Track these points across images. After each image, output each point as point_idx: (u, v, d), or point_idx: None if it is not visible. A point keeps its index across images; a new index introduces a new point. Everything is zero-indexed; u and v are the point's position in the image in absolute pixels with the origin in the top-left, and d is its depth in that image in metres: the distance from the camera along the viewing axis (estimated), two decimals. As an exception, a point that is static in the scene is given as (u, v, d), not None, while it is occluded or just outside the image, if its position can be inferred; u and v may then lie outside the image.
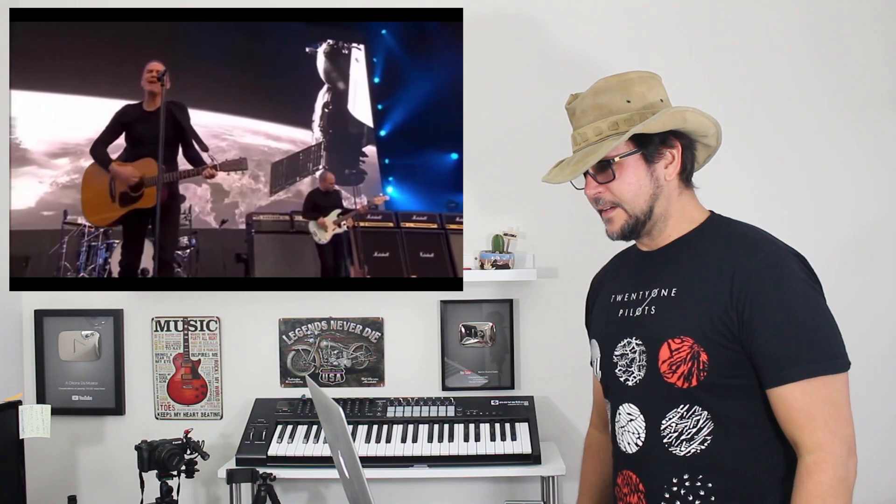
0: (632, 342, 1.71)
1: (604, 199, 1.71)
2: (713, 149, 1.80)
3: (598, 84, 1.73)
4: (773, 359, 1.55)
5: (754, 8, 2.92)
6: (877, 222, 2.90)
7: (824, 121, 2.90)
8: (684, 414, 1.63)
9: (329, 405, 1.65)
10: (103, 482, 3.04)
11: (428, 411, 2.85)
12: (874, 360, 2.85)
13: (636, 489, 1.71)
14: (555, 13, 2.96)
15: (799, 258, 1.65)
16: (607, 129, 1.68)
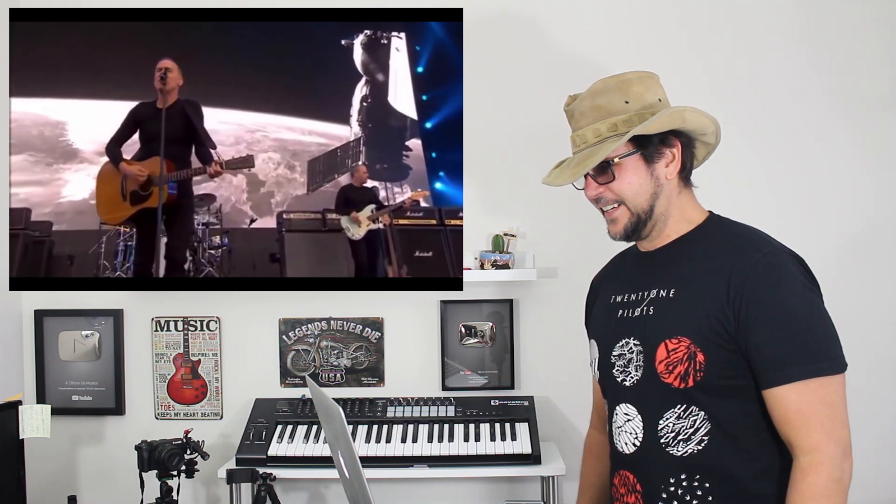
0: (630, 342, 1.71)
1: (605, 198, 1.71)
2: (712, 146, 1.80)
3: (597, 85, 1.73)
4: (769, 359, 1.56)
5: (754, 9, 2.92)
6: (876, 223, 2.90)
7: (824, 121, 2.90)
8: (681, 414, 1.63)
9: (329, 405, 1.65)
10: (103, 482, 3.04)
11: (428, 411, 2.85)
12: (875, 361, 2.85)
13: (633, 489, 1.71)
14: (555, 13, 2.96)
15: (797, 259, 1.65)
16: (606, 130, 1.68)
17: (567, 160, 1.77)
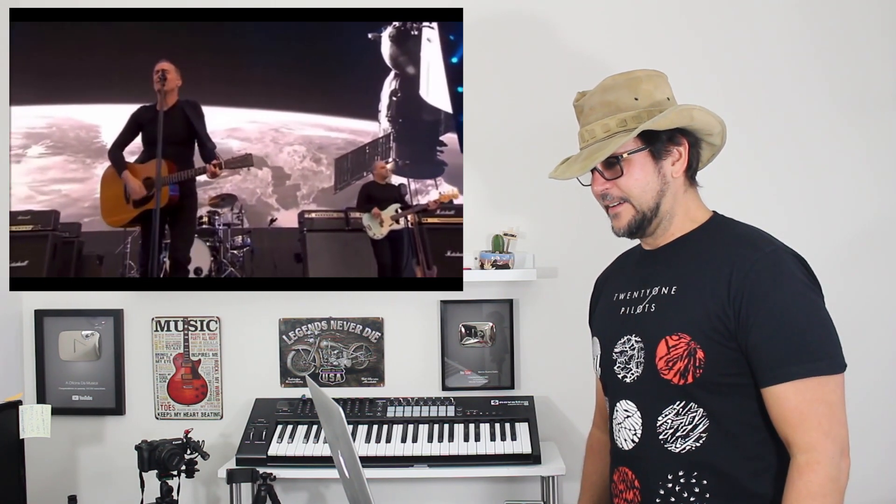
0: (631, 339, 1.72)
1: (611, 195, 1.72)
2: (717, 148, 1.81)
3: (606, 82, 1.74)
4: (769, 357, 1.56)
5: (758, 7, 2.91)
6: (880, 222, 2.90)
7: (829, 120, 2.90)
8: (680, 411, 1.64)
9: (329, 405, 1.65)
10: (103, 482, 3.04)
11: (428, 411, 2.85)
12: (879, 360, 2.85)
13: (632, 485, 1.72)
14: (556, 12, 2.96)
15: (798, 259, 1.65)
16: (615, 125, 1.69)
17: (574, 155, 1.78)
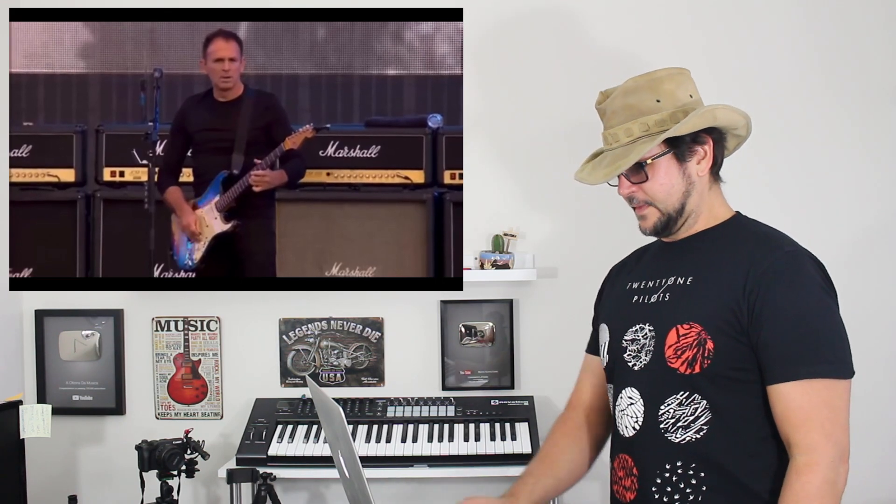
0: (644, 328, 1.72)
1: (637, 198, 1.74)
2: (743, 138, 1.82)
3: (628, 84, 1.74)
4: (778, 355, 1.56)
5: (760, 5, 2.91)
6: (882, 223, 2.89)
7: (829, 117, 2.88)
8: (683, 401, 1.64)
9: (329, 405, 1.65)
10: (103, 482, 3.04)
11: (428, 411, 2.85)
12: (883, 364, 2.84)
13: (630, 472, 1.72)
14: (555, 13, 2.96)
15: (817, 263, 1.66)
16: (638, 131, 1.69)
17: (599, 157, 1.78)
